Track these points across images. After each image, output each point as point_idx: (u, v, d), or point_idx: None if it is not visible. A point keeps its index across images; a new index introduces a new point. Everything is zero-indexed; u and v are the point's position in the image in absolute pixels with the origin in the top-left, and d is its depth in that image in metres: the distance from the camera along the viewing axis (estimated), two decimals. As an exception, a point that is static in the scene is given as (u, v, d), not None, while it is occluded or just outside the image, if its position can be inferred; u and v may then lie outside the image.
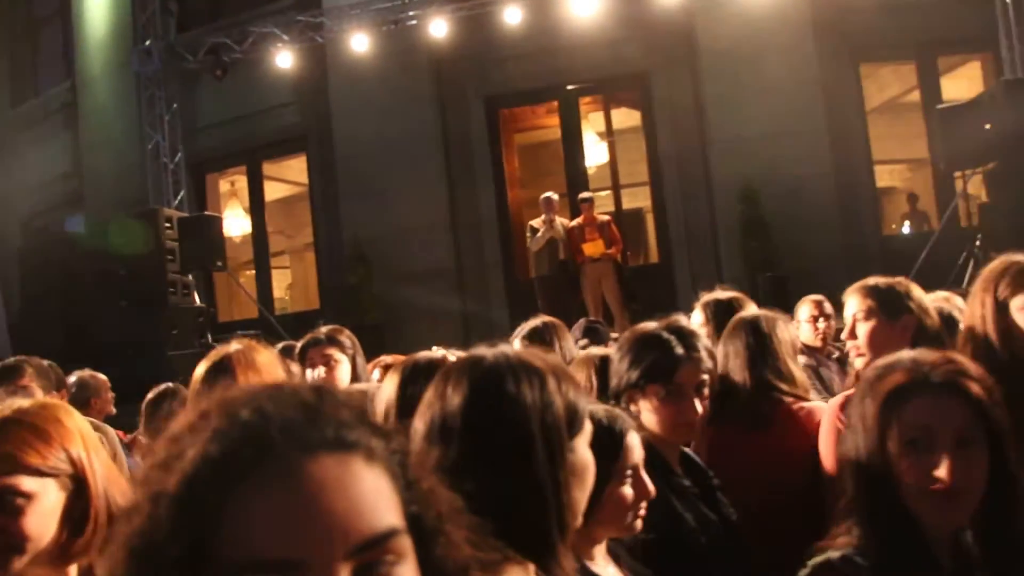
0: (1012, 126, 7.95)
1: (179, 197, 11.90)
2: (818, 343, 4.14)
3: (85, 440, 1.46)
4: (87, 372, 4.60)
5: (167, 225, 9.93)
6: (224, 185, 15.05)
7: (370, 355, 3.46)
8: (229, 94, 12.30)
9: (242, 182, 14.90)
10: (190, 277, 10.31)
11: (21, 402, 1.46)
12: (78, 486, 1.43)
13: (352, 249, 11.54)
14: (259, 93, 12.48)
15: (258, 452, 0.66)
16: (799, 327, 4.18)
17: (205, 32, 12.28)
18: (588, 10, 10.75)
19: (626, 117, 13.34)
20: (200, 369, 1.96)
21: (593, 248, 8.48)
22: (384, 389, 1.98)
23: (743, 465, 2.48)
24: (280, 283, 16.15)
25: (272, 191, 14.52)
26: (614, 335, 4.20)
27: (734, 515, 2.14)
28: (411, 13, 11.23)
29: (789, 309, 10.09)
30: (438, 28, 11.11)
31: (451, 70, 11.99)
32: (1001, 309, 2.22)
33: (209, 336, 10.05)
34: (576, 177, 12.02)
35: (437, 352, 2.10)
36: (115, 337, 9.52)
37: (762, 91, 10.84)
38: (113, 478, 1.49)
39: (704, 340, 2.18)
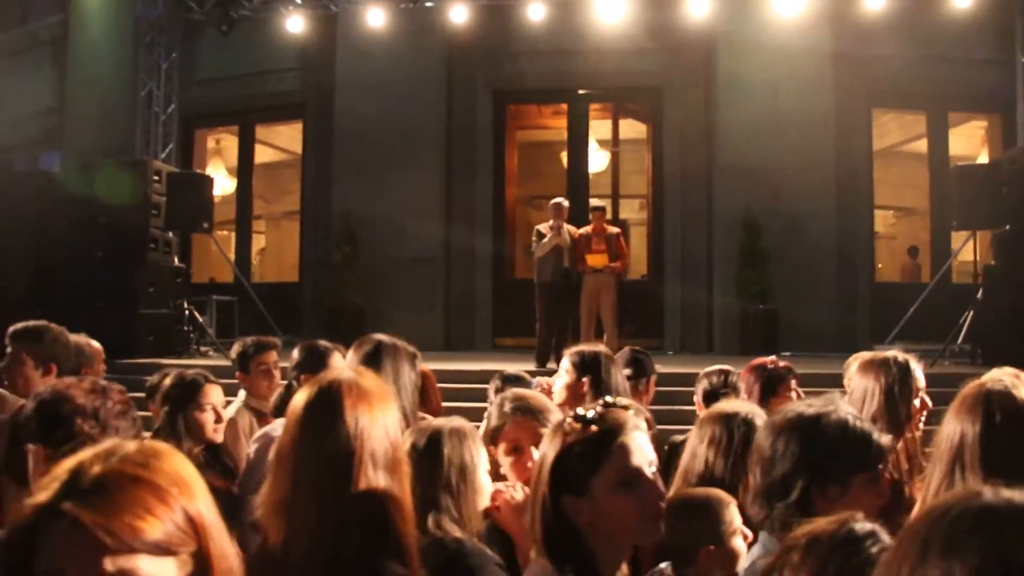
0: (1028, 193, 7.97)
1: (167, 150, 11.45)
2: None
3: (207, 499, 1.07)
4: (83, 337, 4.22)
5: (155, 178, 9.54)
6: (210, 142, 14.59)
7: (347, 339, 3.08)
8: (231, 51, 11.88)
9: (228, 141, 14.45)
10: (171, 235, 9.91)
11: (121, 444, 1.04)
12: (199, 564, 1.03)
13: (341, 226, 11.22)
14: (263, 54, 12.10)
15: None
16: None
17: (215, -16, 11.84)
18: (612, 17, 10.56)
19: (631, 128, 13.20)
20: (301, 398, 1.66)
21: (597, 259, 8.28)
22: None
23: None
24: (254, 248, 15.73)
25: (259, 155, 14.11)
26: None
27: None
28: (432, -6, 10.95)
29: (777, 343, 9.93)
30: (457, 14, 10.83)
31: (463, 58, 11.73)
32: None
33: (184, 299, 9.67)
34: (577, 182, 11.86)
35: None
36: (86, 288, 9.10)
37: (775, 122, 10.75)
38: (228, 545, 1.10)
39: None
